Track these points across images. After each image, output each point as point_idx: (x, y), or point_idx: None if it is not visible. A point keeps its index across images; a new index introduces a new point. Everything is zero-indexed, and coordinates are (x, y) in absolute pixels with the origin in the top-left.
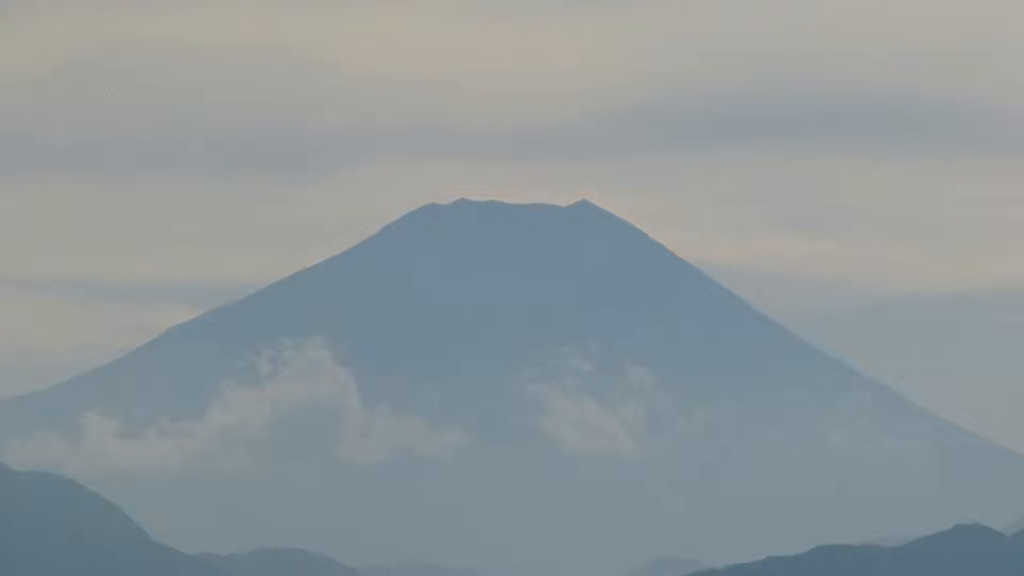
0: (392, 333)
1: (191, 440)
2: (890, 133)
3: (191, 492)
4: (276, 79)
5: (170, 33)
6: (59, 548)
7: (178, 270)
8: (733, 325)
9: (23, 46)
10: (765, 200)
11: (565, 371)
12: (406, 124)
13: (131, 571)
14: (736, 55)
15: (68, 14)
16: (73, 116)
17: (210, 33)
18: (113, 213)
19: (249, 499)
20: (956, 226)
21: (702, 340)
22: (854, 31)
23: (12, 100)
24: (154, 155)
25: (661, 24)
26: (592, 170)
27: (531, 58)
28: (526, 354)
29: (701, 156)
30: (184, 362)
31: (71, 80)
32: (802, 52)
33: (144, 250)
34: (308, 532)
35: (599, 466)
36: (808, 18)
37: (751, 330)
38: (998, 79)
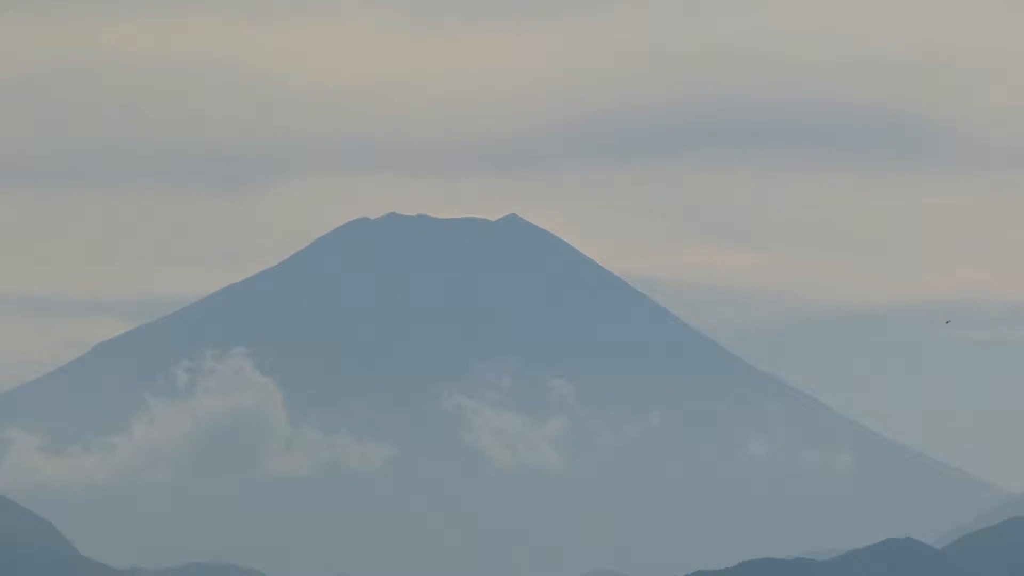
0: (320, 346)
1: (116, 454)
2: (821, 146)
3: (117, 506)
4: (205, 94)
5: (100, 48)
6: None
7: (109, 286)
8: (660, 338)
9: None
10: (696, 213)
11: (488, 385)
12: (336, 139)
13: None
14: (666, 70)
15: None
16: (3, 131)
17: (141, 49)
18: (45, 228)
19: (176, 512)
20: (887, 239)
21: (628, 353)
22: (785, 46)
23: None
24: (85, 171)
25: (592, 40)
26: (521, 184)
27: (460, 74)
28: (453, 368)
29: (631, 170)
30: (109, 377)
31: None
32: (733, 67)
33: (76, 265)
34: (236, 546)
35: (526, 480)
36: (739, 35)
37: (678, 343)
38: (928, 92)
